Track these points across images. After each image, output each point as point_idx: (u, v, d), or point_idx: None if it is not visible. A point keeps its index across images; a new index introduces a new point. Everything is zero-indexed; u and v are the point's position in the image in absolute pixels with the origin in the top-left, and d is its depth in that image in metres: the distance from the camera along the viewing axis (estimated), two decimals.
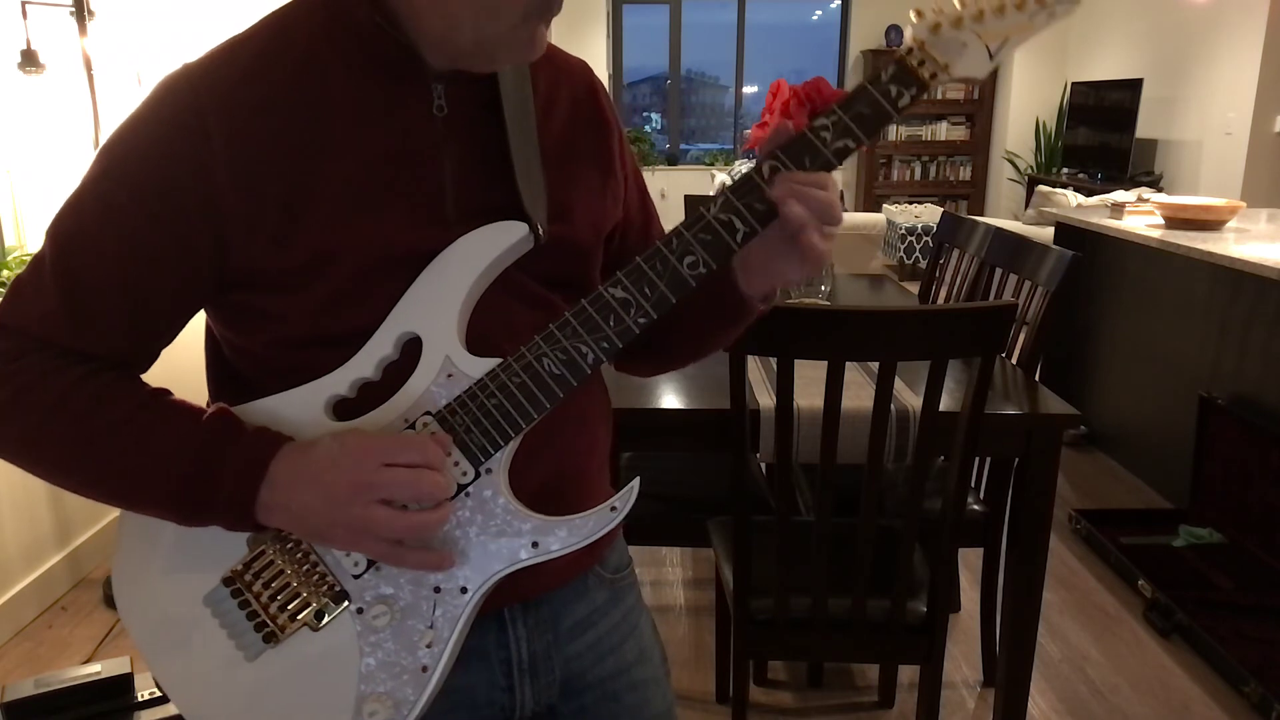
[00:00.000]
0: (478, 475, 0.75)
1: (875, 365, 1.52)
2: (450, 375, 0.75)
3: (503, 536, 0.75)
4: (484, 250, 0.76)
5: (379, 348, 0.75)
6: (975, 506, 2.07)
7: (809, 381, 1.64)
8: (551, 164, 0.82)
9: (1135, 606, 2.57)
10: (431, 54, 0.75)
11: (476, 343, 0.76)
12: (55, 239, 0.74)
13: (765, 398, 1.70)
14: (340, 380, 0.75)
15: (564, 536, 0.76)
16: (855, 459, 1.57)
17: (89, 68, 2.32)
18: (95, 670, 1.64)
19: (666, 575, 2.77)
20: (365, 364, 0.75)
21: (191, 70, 0.73)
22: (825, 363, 1.45)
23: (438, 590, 0.75)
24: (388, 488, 0.69)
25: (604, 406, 0.91)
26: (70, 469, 0.74)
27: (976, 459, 1.95)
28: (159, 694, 1.66)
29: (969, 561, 2.60)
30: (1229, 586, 2.55)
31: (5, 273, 2.45)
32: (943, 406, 1.51)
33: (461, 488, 0.75)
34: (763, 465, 2.24)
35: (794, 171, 0.74)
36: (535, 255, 0.79)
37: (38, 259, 0.74)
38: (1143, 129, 6.36)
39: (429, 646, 0.75)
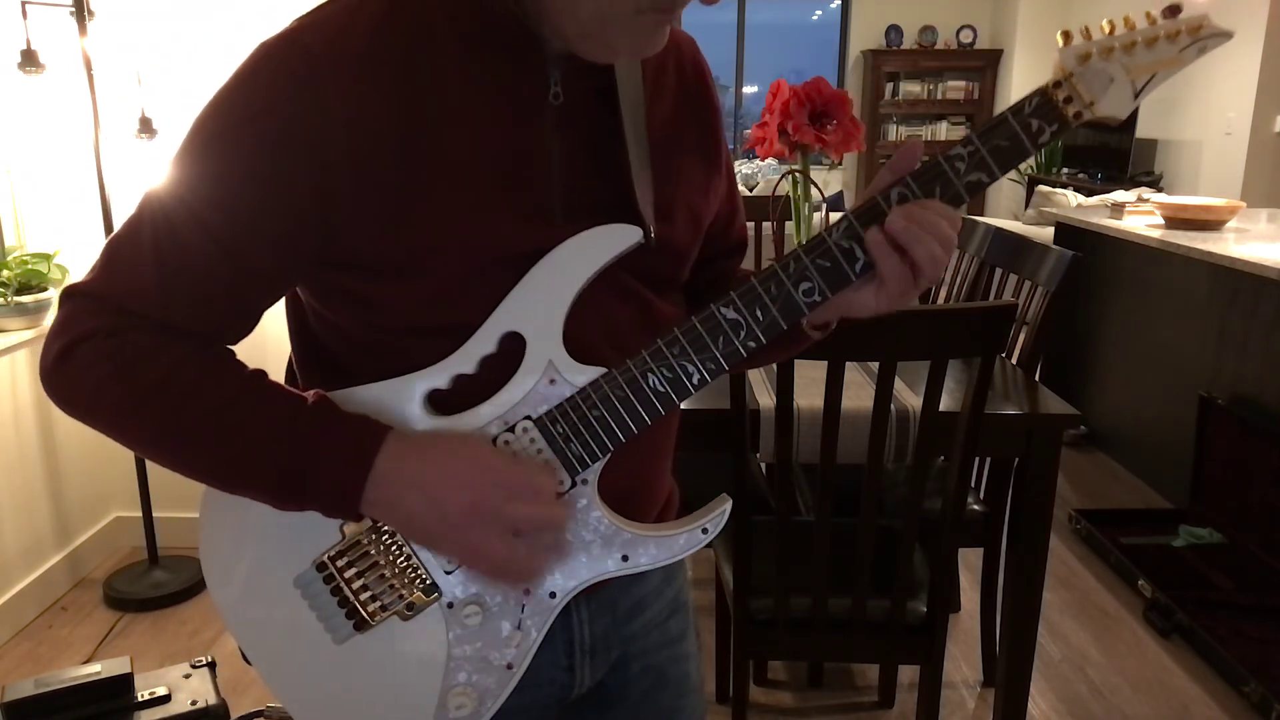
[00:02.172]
0: (574, 484, 0.75)
1: (875, 365, 1.52)
2: (552, 381, 0.74)
3: (594, 547, 0.77)
4: (597, 253, 0.74)
5: (482, 345, 0.73)
6: (975, 506, 2.07)
7: (809, 381, 1.64)
8: (658, 156, 0.79)
9: (1135, 606, 2.57)
10: (551, 35, 0.71)
11: (572, 339, 0.74)
12: (156, 210, 0.71)
13: (765, 398, 1.70)
14: (440, 374, 0.74)
15: (654, 553, 0.77)
16: (855, 459, 1.57)
17: (89, 68, 2.31)
18: (95, 670, 1.64)
19: None
20: (466, 360, 0.74)
21: (308, 42, 0.68)
22: (825, 363, 1.45)
23: (527, 593, 0.77)
24: (509, 523, 0.70)
25: (673, 421, 0.91)
26: (166, 449, 0.73)
27: (976, 459, 1.95)
28: (159, 694, 1.66)
29: (969, 561, 2.60)
30: (1229, 586, 2.55)
31: (6, 273, 2.45)
32: (943, 406, 1.51)
33: (557, 496, 0.75)
34: (763, 465, 2.23)
35: (924, 204, 0.70)
36: (637, 254, 0.76)
37: (134, 228, 0.72)
38: (1143, 129, 6.36)
39: (515, 646, 0.77)
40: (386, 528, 0.76)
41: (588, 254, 0.74)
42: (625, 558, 0.77)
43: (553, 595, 0.77)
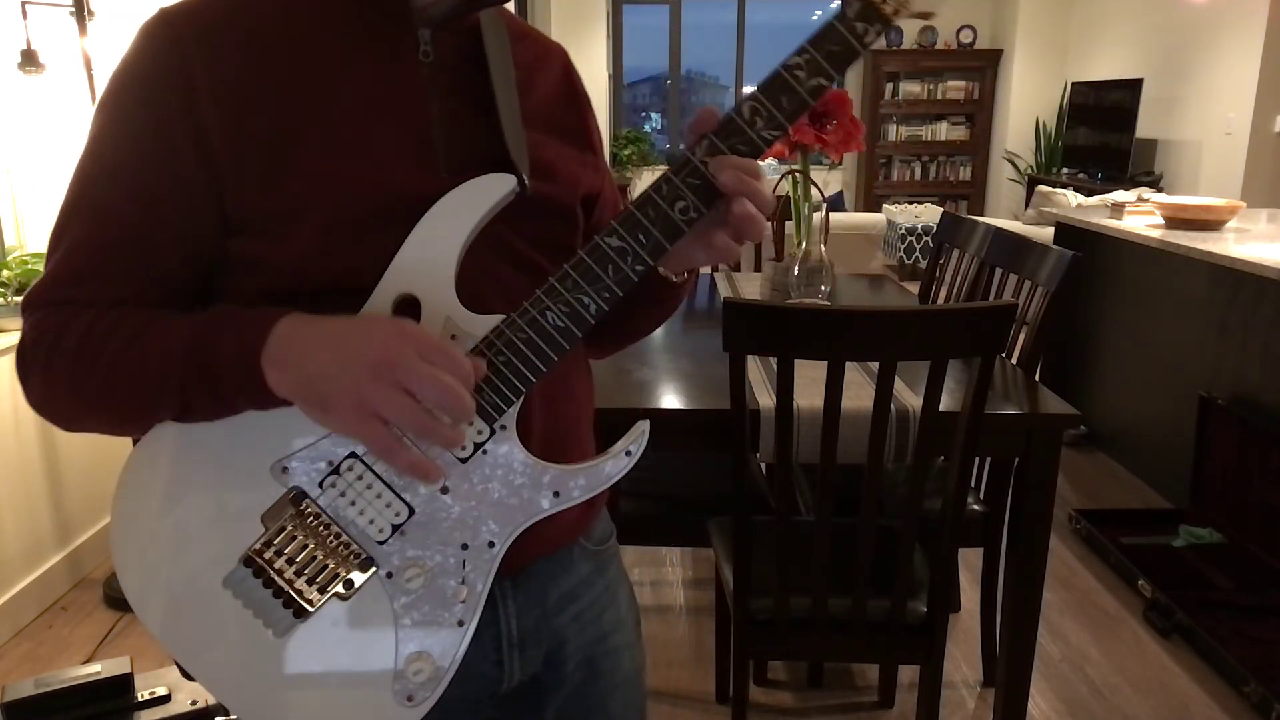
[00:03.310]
0: (493, 433, 0.76)
1: (875, 365, 1.52)
2: (454, 336, 0.75)
3: (524, 490, 0.77)
4: (474, 205, 0.75)
5: (377, 311, 0.75)
6: (975, 506, 2.07)
7: (809, 381, 1.64)
8: (534, 129, 0.83)
9: (1135, 606, 2.57)
10: None
11: (469, 303, 0.76)
12: (65, 205, 0.75)
13: (765, 398, 1.70)
14: None
15: (584, 484, 0.78)
16: (855, 459, 1.57)
17: (89, 68, 2.32)
18: (95, 670, 1.64)
19: (666, 575, 2.77)
20: None
21: (171, 15, 0.73)
22: (825, 363, 1.45)
23: (465, 547, 0.77)
24: (418, 380, 0.67)
25: (584, 367, 0.93)
26: (107, 402, 0.74)
27: (976, 459, 1.95)
28: (159, 694, 1.66)
29: (969, 561, 2.60)
30: (1229, 586, 2.55)
31: (5, 273, 2.45)
32: (943, 406, 1.51)
33: (478, 446, 0.76)
34: (763, 465, 2.24)
35: (730, 156, 0.75)
36: (522, 214, 0.79)
37: (54, 232, 0.76)
38: (1143, 129, 6.36)
39: (463, 602, 0.77)
40: (310, 509, 0.75)
41: (466, 206, 0.75)
42: (557, 494, 0.77)
43: (491, 544, 0.77)
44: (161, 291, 0.76)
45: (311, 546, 0.75)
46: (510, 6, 0.86)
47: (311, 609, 0.76)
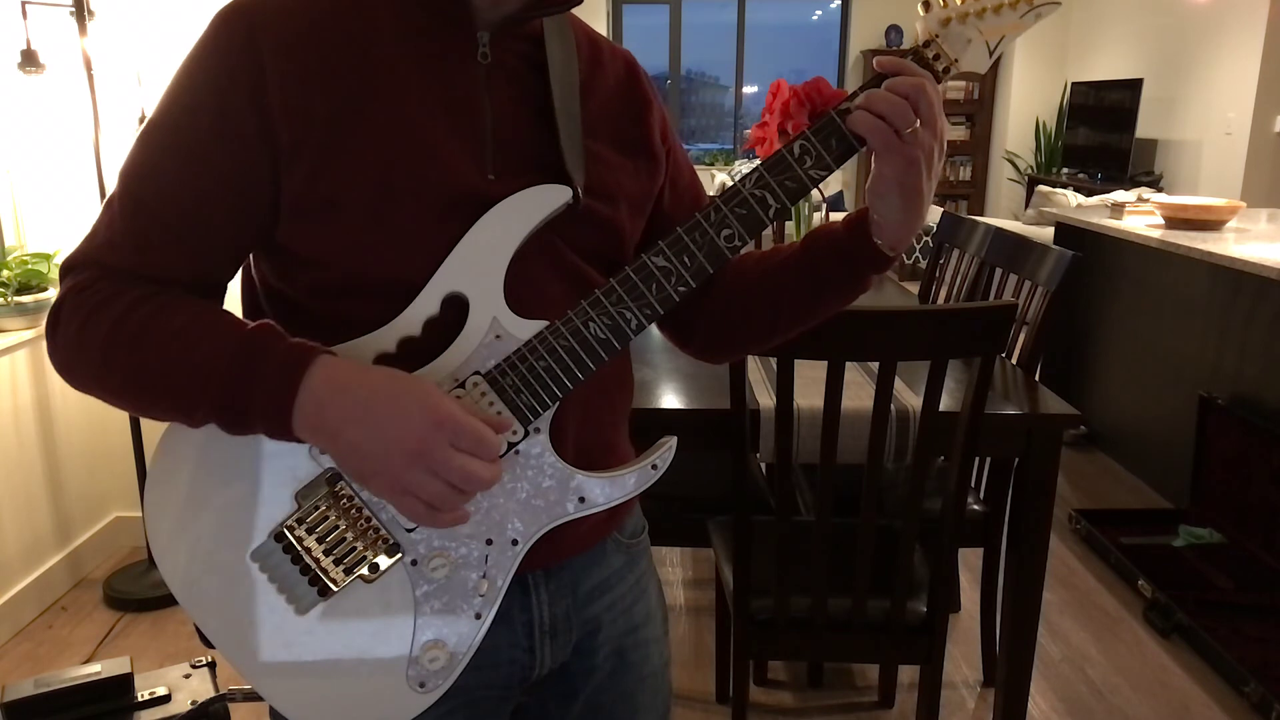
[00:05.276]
0: (526, 434, 0.78)
1: (875, 365, 1.52)
2: (499, 337, 0.77)
3: (551, 492, 0.80)
4: (529, 213, 0.77)
5: (425, 306, 0.76)
6: (975, 506, 2.07)
7: (809, 381, 1.64)
8: (591, 135, 0.83)
9: (1135, 606, 2.57)
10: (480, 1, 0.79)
11: (514, 307, 0.78)
12: (123, 171, 0.77)
13: (765, 398, 1.70)
14: (388, 337, 0.77)
15: (609, 492, 0.81)
16: (855, 459, 1.57)
17: (89, 68, 2.31)
18: (95, 670, 1.64)
19: (666, 575, 2.77)
20: (411, 323, 0.76)
21: (248, 7, 0.75)
22: (825, 363, 1.45)
23: (490, 543, 0.79)
24: (449, 471, 0.70)
25: (625, 371, 0.92)
26: (133, 391, 0.75)
27: (976, 459, 1.94)
28: (159, 694, 1.66)
29: (969, 561, 2.60)
30: (1229, 586, 2.55)
31: (5, 273, 2.45)
32: (943, 406, 1.51)
33: (511, 445, 0.78)
34: (763, 465, 2.24)
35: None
36: (574, 224, 0.80)
37: (109, 197, 0.77)
38: (1143, 129, 6.36)
39: (482, 595, 0.79)
40: (344, 491, 0.76)
41: (520, 214, 0.77)
42: (582, 499, 0.80)
43: (515, 543, 0.79)
44: (203, 270, 0.77)
45: (342, 528, 0.77)
46: None
47: (335, 590, 0.77)
